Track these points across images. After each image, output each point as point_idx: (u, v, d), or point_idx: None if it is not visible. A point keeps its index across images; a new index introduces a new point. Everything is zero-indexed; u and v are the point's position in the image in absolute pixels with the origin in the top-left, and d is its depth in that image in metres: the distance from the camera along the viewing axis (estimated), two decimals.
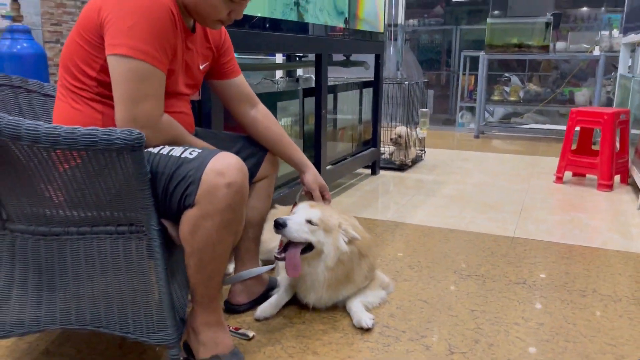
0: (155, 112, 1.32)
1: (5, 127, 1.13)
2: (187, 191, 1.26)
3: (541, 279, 2.10)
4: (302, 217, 1.66)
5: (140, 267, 1.32)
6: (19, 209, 1.31)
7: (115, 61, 1.27)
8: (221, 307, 1.51)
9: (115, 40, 1.25)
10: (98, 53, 1.31)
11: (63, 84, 1.39)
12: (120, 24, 1.25)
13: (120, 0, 1.26)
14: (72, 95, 1.37)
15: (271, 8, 2.76)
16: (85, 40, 1.31)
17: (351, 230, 1.73)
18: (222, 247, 1.35)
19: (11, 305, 1.36)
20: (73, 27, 1.36)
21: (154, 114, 1.32)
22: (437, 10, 8.50)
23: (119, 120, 1.30)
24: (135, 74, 1.27)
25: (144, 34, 1.25)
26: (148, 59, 1.27)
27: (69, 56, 1.36)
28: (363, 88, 3.90)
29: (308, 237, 1.65)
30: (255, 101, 1.74)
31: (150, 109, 1.31)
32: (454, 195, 3.38)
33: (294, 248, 1.65)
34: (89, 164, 1.21)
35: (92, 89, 1.35)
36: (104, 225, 1.31)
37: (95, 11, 1.29)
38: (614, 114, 3.49)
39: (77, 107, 1.37)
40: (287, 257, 1.64)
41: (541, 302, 1.91)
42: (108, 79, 1.32)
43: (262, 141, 1.73)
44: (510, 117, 7.08)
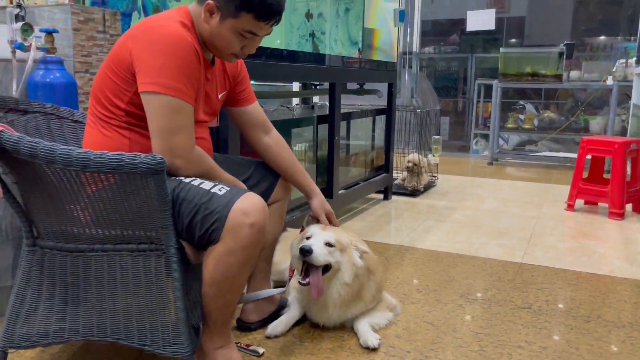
0: (188, 143, 1.43)
1: (41, 151, 1.24)
2: (214, 226, 1.36)
3: (546, 304, 2.15)
4: (321, 241, 1.74)
5: (158, 282, 1.41)
6: (49, 227, 1.41)
7: (149, 98, 1.38)
8: (232, 327, 1.59)
9: (147, 79, 1.37)
10: (128, 87, 1.43)
11: (93, 112, 1.51)
12: (151, 64, 1.36)
13: (150, 42, 1.38)
14: (101, 122, 1.49)
15: (287, 39, 2.89)
16: (116, 74, 1.43)
17: (360, 245, 1.84)
18: (241, 280, 1.45)
19: (38, 317, 1.45)
20: (104, 60, 1.48)
21: (188, 145, 1.43)
22: (454, 39, 8.63)
23: (156, 152, 1.40)
24: (168, 109, 1.38)
25: (173, 72, 1.37)
26: (179, 95, 1.38)
27: (99, 87, 1.48)
28: (376, 115, 4.00)
29: (329, 259, 1.74)
30: (269, 127, 1.84)
31: (185, 140, 1.42)
32: (464, 221, 3.44)
33: (316, 272, 1.73)
34: (115, 186, 1.31)
35: (120, 118, 1.47)
36: (126, 243, 1.40)
37: (127, 51, 1.41)
38: (625, 144, 3.54)
39: (106, 133, 1.48)
40: (311, 282, 1.72)
41: (545, 326, 1.95)
42: (135, 109, 1.44)
43: (273, 166, 1.83)
44: (525, 145, 7.12)
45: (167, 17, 1.46)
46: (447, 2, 8.49)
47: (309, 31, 3.07)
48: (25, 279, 1.45)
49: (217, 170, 1.54)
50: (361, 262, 1.80)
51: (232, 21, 1.45)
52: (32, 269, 1.44)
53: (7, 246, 1.88)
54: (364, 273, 1.82)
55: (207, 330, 1.51)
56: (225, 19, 1.45)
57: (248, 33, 1.48)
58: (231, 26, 1.46)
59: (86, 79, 1.99)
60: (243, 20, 1.45)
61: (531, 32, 8.10)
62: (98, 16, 2.02)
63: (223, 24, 1.46)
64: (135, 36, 1.41)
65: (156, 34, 1.38)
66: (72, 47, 1.93)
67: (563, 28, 7.71)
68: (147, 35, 1.39)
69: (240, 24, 1.46)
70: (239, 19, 1.45)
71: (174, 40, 1.38)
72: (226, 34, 1.47)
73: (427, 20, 8.50)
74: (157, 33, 1.38)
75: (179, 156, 1.42)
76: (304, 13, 3.00)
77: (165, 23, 1.41)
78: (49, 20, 1.96)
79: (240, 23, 1.45)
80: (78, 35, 1.94)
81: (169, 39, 1.37)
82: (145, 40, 1.38)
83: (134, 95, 1.42)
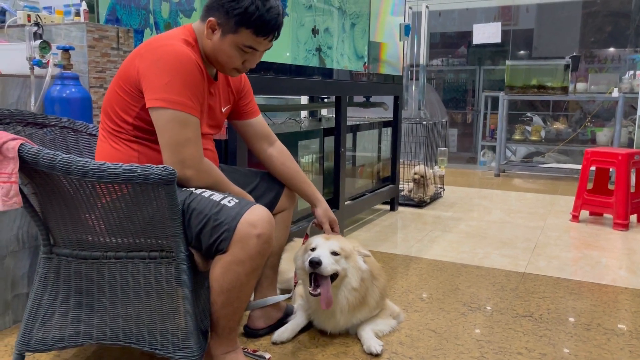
0: (197, 154, 1.50)
1: (59, 163, 1.32)
2: (223, 236, 1.43)
3: (548, 312, 2.18)
4: (327, 250, 1.80)
5: (168, 289, 1.47)
6: (65, 235, 1.48)
7: (157, 113, 1.46)
8: (239, 333, 1.65)
9: (154, 95, 1.45)
10: (135, 102, 1.51)
11: (104, 127, 1.59)
12: (157, 81, 1.44)
13: (156, 60, 1.45)
14: (111, 137, 1.57)
15: (294, 54, 2.97)
16: (125, 91, 1.51)
17: (362, 249, 1.90)
18: (248, 288, 1.51)
19: (54, 322, 1.52)
20: (114, 78, 1.57)
21: (197, 156, 1.50)
22: (462, 51, 8.70)
23: (167, 164, 1.47)
24: (176, 123, 1.46)
25: (178, 87, 1.45)
26: (185, 109, 1.46)
27: (109, 104, 1.56)
28: (383, 128, 4.06)
29: (336, 267, 1.80)
30: (273, 139, 1.91)
31: (194, 152, 1.49)
32: (469, 232, 3.48)
33: (326, 282, 1.78)
34: (128, 196, 1.38)
35: (128, 132, 1.55)
36: (138, 250, 1.47)
37: (134, 69, 1.49)
38: (628, 155, 3.57)
39: (117, 147, 1.56)
40: (322, 292, 1.77)
41: (545, 334, 1.99)
42: (142, 124, 1.52)
43: (277, 176, 1.90)
44: (532, 157, 7.15)
45: (171, 36, 1.54)
46: (456, 15, 8.57)
47: (316, 46, 3.14)
48: (42, 285, 1.52)
49: (225, 182, 1.60)
50: (365, 265, 1.87)
51: (232, 37, 1.53)
52: (49, 275, 1.51)
53: (24, 254, 1.95)
54: (368, 277, 1.88)
55: (215, 336, 1.57)
56: (225, 35, 1.53)
57: (248, 48, 1.55)
58: (232, 41, 1.53)
59: (100, 94, 2.07)
60: (242, 36, 1.53)
61: (539, 44, 8.14)
62: (112, 34, 2.10)
63: (224, 40, 1.54)
64: (142, 55, 1.49)
65: (161, 52, 1.46)
66: (87, 64, 2.02)
67: (571, 40, 7.74)
68: (152, 53, 1.47)
69: (240, 40, 1.53)
70: (238, 35, 1.52)
71: (178, 57, 1.45)
72: (227, 49, 1.54)
73: (435, 32, 8.57)
74: (162, 51, 1.46)
75: (190, 167, 1.49)
76: (311, 29, 3.08)
77: (169, 42, 1.49)
78: (66, 37, 2.05)
79: (239, 38, 1.53)
80: (93, 52, 2.03)
81: (173, 56, 1.45)
82: (150, 58, 1.46)
83: (141, 110, 1.50)
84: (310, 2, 3.10)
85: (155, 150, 1.54)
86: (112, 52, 2.10)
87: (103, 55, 2.06)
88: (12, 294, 1.93)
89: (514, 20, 8.19)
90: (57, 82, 1.92)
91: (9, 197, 1.31)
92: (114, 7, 2.38)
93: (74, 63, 2.00)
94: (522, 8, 7.93)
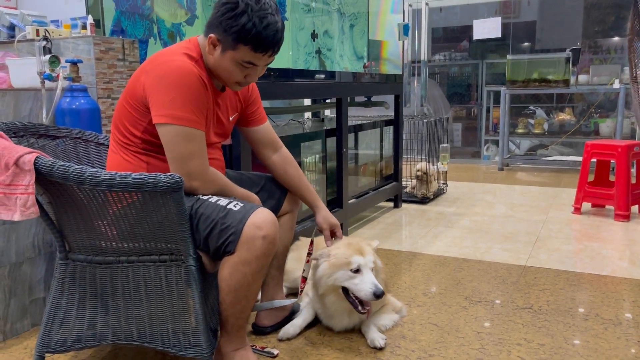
0: (202, 166, 1.57)
1: (72, 174, 1.39)
2: (230, 239, 1.50)
3: (547, 304, 2.25)
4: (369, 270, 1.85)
5: (179, 290, 1.55)
6: (79, 241, 1.56)
7: (163, 129, 1.53)
8: (247, 331, 1.73)
9: (160, 111, 1.52)
10: (142, 118, 1.59)
11: (115, 139, 1.67)
12: (162, 97, 1.51)
13: (160, 76, 1.52)
14: (122, 148, 1.65)
15: (295, 57, 3.04)
16: (132, 106, 1.59)
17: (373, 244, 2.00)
18: (255, 287, 1.59)
19: (71, 324, 1.60)
20: (122, 93, 1.64)
21: (202, 168, 1.57)
22: (464, 45, 8.72)
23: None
24: (181, 137, 1.53)
25: (182, 103, 1.51)
26: (189, 124, 1.53)
27: (119, 118, 1.64)
28: (384, 126, 4.12)
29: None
30: (278, 145, 1.97)
31: (198, 164, 1.56)
32: (472, 227, 3.54)
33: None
34: (138, 203, 1.46)
35: (137, 145, 1.62)
36: (149, 254, 1.55)
37: (140, 85, 1.56)
38: (628, 147, 3.62)
39: (127, 158, 1.64)
40: (368, 310, 1.87)
41: (544, 325, 2.05)
42: (150, 137, 1.60)
43: (280, 182, 1.96)
44: (536, 149, 7.18)
45: (175, 51, 1.61)
46: (457, 9, 8.59)
47: (315, 48, 3.21)
48: (59, 289, 1.60)
49: (231, 186, 1.68)
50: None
51: (232, 53, 1.57)
52: (65, 280, 1.60)
53: (40, 260, 2.04)
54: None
55: (224, 334, 1.65)
56: (225, 51, 1.58)
57: (247, 64, 1.59)
58: (231, 57, 1.58)
59: (108, 104, 2.15)
60: (241, 52, 1.57)
61: (542, 37, 8.15)
62: (118, 45, 2.18)
63: (224, 56, 1.59)
64: (147, 71, 1.56)
65: (165, 68, 1.52)
66: (95, 75, 2.09)
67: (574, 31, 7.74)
68: (156, 70, 1.53)
69: (239, 56, 1.57)
70: (237, 51, 1.57)
71: (181, 73, 1.51)
72: (227, 64, 1.59)
73: (438, 27, 8.60)
74: (165, 68, 1.52)
75: (195, 179, 1.56)
76: (310, 33, 3.15)
77: (173, 57, 1.55)
78: (73, 50, 2.13)
79: (239, 54, 1.57)
80: (100, 64, 2.11)
81: (176, 72, 1.51)
82: (155, 75, 1.53)
83: (148, 125, 1.58)
84: (308, 6, 3.16)
85: (163, 161, 1.61)
86: (119, 63, 2.18)
87: (110, 67, 2.14)
88: (29, 299, 2.02)
89: (515, 13, 8.20)
90: (66, 94, 2.00)
91: (27, 208, 1.38)
92: (119, 18, 2.46)
93: (82, 75, 2.08)
94: (524, 1, 7.94)
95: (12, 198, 1.39)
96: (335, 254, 1.88)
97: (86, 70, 2.10)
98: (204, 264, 1.59)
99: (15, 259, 1.95)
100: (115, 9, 2.46)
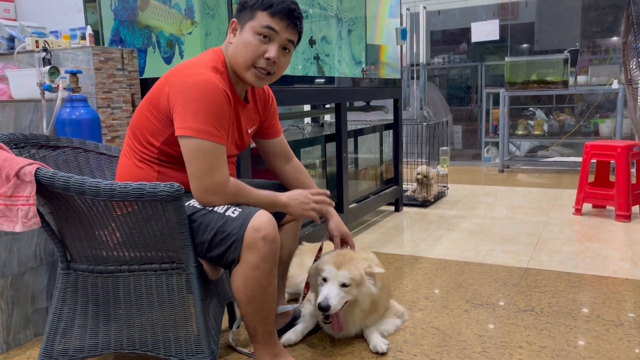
0: (221, 180, 1.56)
1: (72, 184, 1.40)
2: (233, 246, 1.51)
3: (549, 306, 2.25)
4: (336, 284, 1.83)
5: (180, 298, 1.56)
6: (81, 251, 1.57)
7: (185, 142, 1.53)
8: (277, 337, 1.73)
9: (183, 124, 1.51)
10: (165, 128, 1.59)
11: (129, 145, 1.67)
12: (186, 111, 1.51)
13: (185, 89, 1.52)
14: (136, 155, 1.66)
15: (293, 63, 3.05)
16: (155, 117, 1.59)
17: (375, 268, 1.92)
18: (271, 289, 1.59)
19: (74, 333, 1.61)
20: (142, 101, 1.65)
21: (221, 182, 1.56)
22: (463, 47, 8.74)
23: (194, 192, 1.55)
24: (202, 151, 1.52)
25: (205, 116, 1.51)
26: (211, 138, 1.52)
27: (137, 126, 1.64)
28: (384, 130, 4.13)
29: (347, 298, 1.85)
30: (290, 157, 1.99)
31: (217, 179, 1.55)
32: (472, 230, 3.54)
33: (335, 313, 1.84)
34: (139, 212, 1.47)
35: (153, 154, 1.63)
36: (150, 263, 1.56)
37: (164, 96, 1.56)
38: (627, 147, 3.62)
39: (140, 165, 1.65)
40: (332, 322, 1.86)
41: (546, 327, 2.05)
42: (168, 149, 1.60)
43: (292, 189, 1.96)
44: (537, 151, 7.18)
45: (200, 63, 1.61)
46: (456, 12, 8.60)
47: (313, 54, 3.23)
48: (61, 298, 1.60)
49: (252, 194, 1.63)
50: (376, 289, 1.89)
51: (250, 23, 1.60)
52: (67, 289, 1.60)
53: (42, 270, 2.05)
54: (377, 291, 1.92)
55: (258, 346, 1.66)
56: (244, 26, 1.61)
57: (266, 30, 1.59)
58: (250, 28, 1.59)
59: (108, 113, 2.16)
60: (259, 18, 1.59)
61: (541, 38, 8.16)
62: (117, 55, 2.20)
63: (243, 32, 1.61)
64: (172, 82, 1.56)
65: (190, 81, 1.52)
66: (95, 85, 2.11)
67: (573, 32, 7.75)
68: (182, 82, 1.53)
69: (257, 22, 1.59)
70: (255, 19, 1.59)
71: (206, 86, 1.51)
72: (247, 38, 1.60)
73: (436, 30, 8.62)
74: (190, 80, 1.52)
75: (214, 193, 1.55)
76: (307, 39, 3.16)
77: (198, 70, 1.56)
78: (73, 61, 2.15)
79: (257, 21, 1.59)
80: (99, 74, 2.12)
81: (201, 85, 1.51)
82: (180, 87, 1.53)
83: (170, 136, 1.58)
84: (306, 12, 3.18)
85: (175, 171, 1.62)
86: (118, 72, 2.19)
87: (109, 77, 2.16)
88: (32, 309, 2.03)
89: (513, 15, 8.21)
90: (66, 105, 2.01)
91: (28, 219, 1.39)
92: (117, 28, 2.48)
93: (82, 85, 2.09)
94: (522, 3, 7.96)
95: (14, 209, 1.40)
96: (322, 259, 1.91)
97: (86, 80, 2.11)
98: (206, 272, 1.60)
99: (17, 270, 1.96)
100: (114, 18, 2.48)
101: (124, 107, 2.22)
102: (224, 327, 2.09)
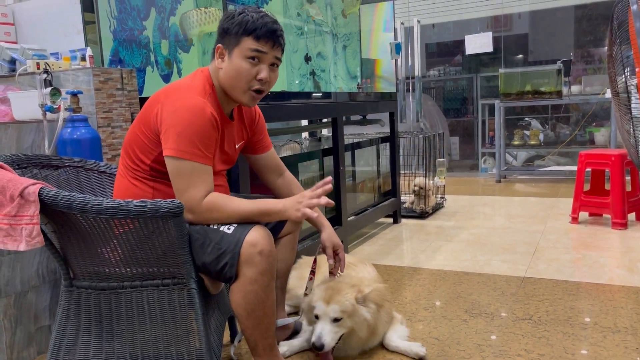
0: (194, 197, 1.58)
1: (75, 203, 1.44)
2: (229, 263, 1.54)
3: (546, 314, 2.27)
4: (327, 321, 1.83)
5: (182, 313, 1.58)
6: (83, 268, 1.60)
7: (169, 162, 1.58)
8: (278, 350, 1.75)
9: (168, 144, 1.57)
10: (154, 146, 1.64)
11: (124, 164, 1.72)
12: (172, 131, 1.56)
13: (173, 111, 1.57)
14: (130, 173, 1.70)
15: (289, 79, 3.10)
16: (145, 135, 1.64)
17: (365, 289, 1.90)
18: (270, 302, 1.62)
19: (77, 351, 1.63)
20: (135, 120, 1.70)
21: (194, 199, 1.57)
22: (458, 59, 8.82)
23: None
24: (181, 171, 1.57)
25: (190, 139, 1.56)
26: (192, 158, 1.57)
27: (129, 144, 1.69)
28: (380, 143, 4.18)
29: (342, 332, 1.86)
30: (282, 170, 2.02)
31: (190, 196, 1.57)
32: (470, 240, 3.57)
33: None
34: (140, 229, 1.50)
35: (145, 171, 1.67)
36: (152, 279, 1.59)
37: (154, 115, 1.61)
38: (621, 156, 3.66)
39: (134, 182, 1.69)
40: (322, 357, 1.87)
41: (544, 335, 2.07)
42: (158, 166, 1.65)
43: None
44: (533, 160, 7.23)
45: (190, 86, 1.65)
46: (450, 25, 8.70)
47: (309, 70, 3.28)
48: (64, 316, 1.63)
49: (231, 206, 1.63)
50: (369, 315, 1.88)
51: (237, 49, 1.64)
52: (70, 307, 1.63)
53: (44, 288, 2.07)
54: (374, 313, 1.91)
55: (259, 358, 1.68)
56: (232, 52, 1.65)
57: (255, 52, 1.63)
58: (238, 53, 1.64)
59: (108, 133, 2.20)
60: (245, 43, 1.63)
61: (535, 49, 8.24)
62: (116, 75, 2.24)
63: (232, 58, 1.65)
64: (162, 103, 1.61)
65: (178, 105, 1.58)
66: (95, 105, 2.15)
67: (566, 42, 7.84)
68: (171, 104, 1.59)
69: (244, 47, 1.63)
70: (241, 45, 1.63)
71: (192, 111, 1.57)
72: (236, 63, 1.64)
73: (431, 43, 8.70)
74: (179, 104, 1.58)
75: (189, 211, 1.58)
76: (304, 55, 3.22)
77: (187, 94, 1.61)
78: (73, 82, 2.19)
79: (243, 46, 1.63)
80: (100, 94, 2.16)
81: (188, 110, 1.56)
82: (169, 109, 1.58)
83: (159, 155, 1.63)
84: (301, 29, 3.24)
85: (168, 187, 1.65)
86: (117, 92, 2.23)
87: (109, 97, 2.20)
88: (35, 327, 2.04)
89: (507, 27, 8.30)
90: (67, 125, 2.05)
91: (32, 238, 1.42)
92: (116, 48, 2.52)
93: (83, 106, 2.13)
94: (515, 15, 8.05)
95: (18, 229, 1.43)
96: (313, 294, 1.90)
97: (86, 100, 2.15)
98: (207, 286, 1.62)
99: (20, 288, 1.99)
100: (113, 39, 2.53)
101: (124, 125, 2.26)
102: (226, 341, 2.11)
